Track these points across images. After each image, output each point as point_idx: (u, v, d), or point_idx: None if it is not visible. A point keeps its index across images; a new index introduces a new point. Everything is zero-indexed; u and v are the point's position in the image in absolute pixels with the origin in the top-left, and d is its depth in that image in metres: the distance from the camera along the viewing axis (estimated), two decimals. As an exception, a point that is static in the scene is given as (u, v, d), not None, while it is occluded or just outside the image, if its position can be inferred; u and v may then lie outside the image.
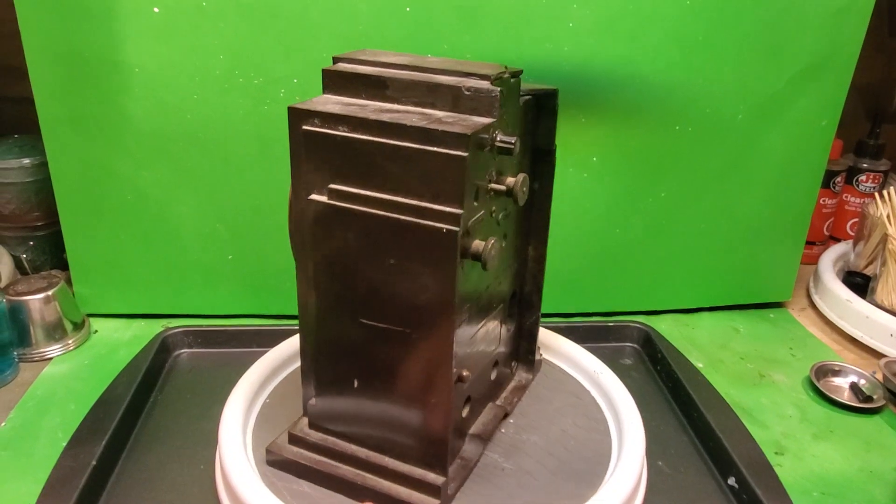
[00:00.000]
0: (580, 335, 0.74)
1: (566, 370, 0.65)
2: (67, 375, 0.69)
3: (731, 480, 0.57)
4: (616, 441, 0.56)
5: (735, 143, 0.76)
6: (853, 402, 0.68)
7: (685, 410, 0.65)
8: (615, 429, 0.58)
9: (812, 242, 0.96)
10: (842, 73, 0.75)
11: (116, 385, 0.64)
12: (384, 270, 0.45)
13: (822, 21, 0.72)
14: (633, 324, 0.78)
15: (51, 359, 0.71)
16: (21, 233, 0.83)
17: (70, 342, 0.72)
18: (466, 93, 0.43)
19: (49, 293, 0.70)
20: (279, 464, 0.53)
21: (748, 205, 0.80)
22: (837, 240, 0.98)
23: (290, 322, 0.76)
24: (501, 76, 0.44)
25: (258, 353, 0.63)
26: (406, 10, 0.66)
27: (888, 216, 0.81)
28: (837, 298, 0.82)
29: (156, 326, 0.75)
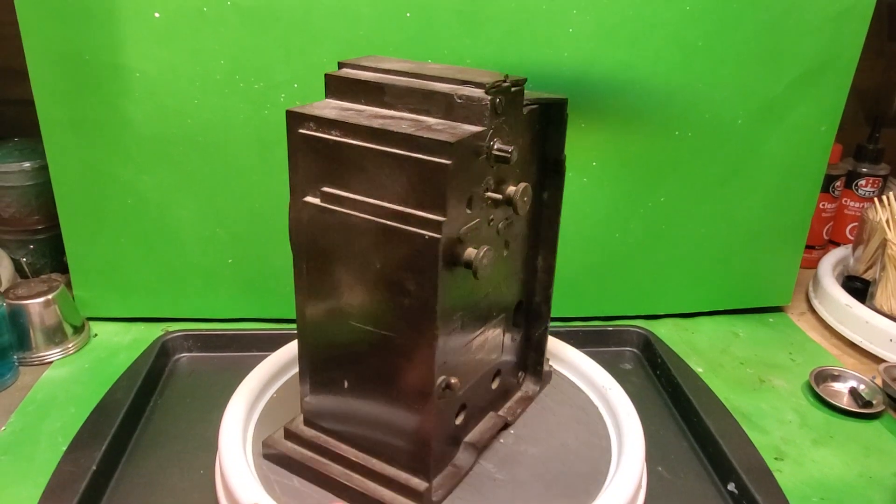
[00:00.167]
0: (580, 339, 0.74)
1: (576, 383, 0.64)
2: (67, 379, 0.69)
3: (731, 486, 0.57)
4: (615, 457, 0.55)
5: (735, 148, 0.76)
6: (853, 408, 0.68)
7: (685, 415, 0.65)
8: (616, 446, 0.56)
9: (811, 247, 0.96)
10: (841, 78, 0.75)
11: (116, 389, 0.64)
12: (371, 274, 0.45)
13: (822, 25, 0.72)
14: (633, 328, 0.78)
15: (51, 363, 0.71)
16: (21, 236, 0.83)
17: (70, 346, 0.72)
18: (458, 101, 0.43)
19: (49, 297, 0.70)
20: (274, 458, 0.54)
21: (748, 209, 0.80)
22: (837, 244, 0.98)
23: (290, 326, 0.76)
24: (499, 85, 0.44)
25: (258, 357, 0.63)
26: (406, 15, 0.66)
27: (887, 221, 0.81)
28: (837, 303, 0.82)
29: (156, 330, 0.75)
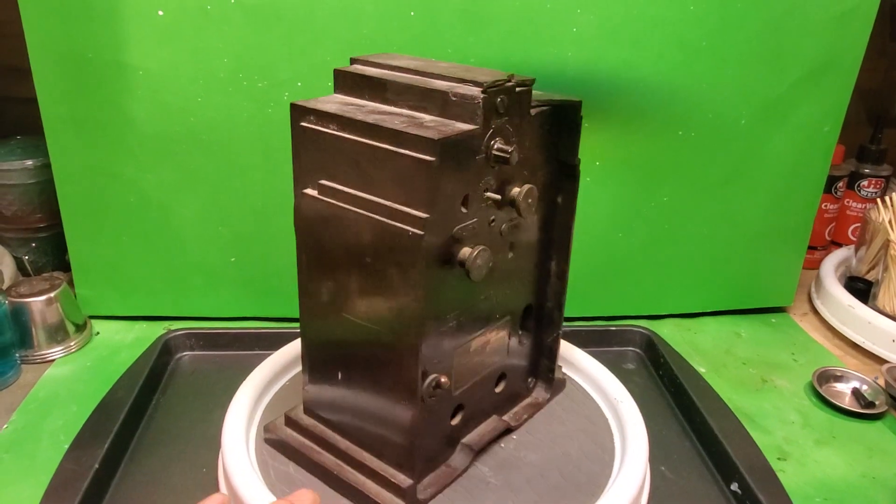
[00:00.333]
0: (582, 339, 0.74)
1: (590, 394, 0.63)
2: (69, 377, 0.69)
3: (734, 486, 0.57)
4: (616, 471, 0.53)
5: (738, 148, 0.76)
6: (855, 408, 0.68)
7: (688, 415, 0.65)
8: (619, 461, 0.55)
9: (814, 247, 0.96)
10: (845, 78, 0.75)
11: (118, 388, 0.64)
12: (362, 268, 0.46)
13: (825, 26, 0.72)
14: (636, 328, 0.78)
15: (53, 361, 0.71)
16: (23, 234, 0.83)
17: (72, 344, 0.72)
18: (453, 98, 0.43)
19: (51, 295, 0.70)
20: (274, 443, 0.55)
21: (750, 209, 0.80)
22: (839, 245, 0.98)
23: (292, 325, 0.76)
24: (500, 84, 0.44)
25: (260, 356, 0.63)
26: (411, 14, 0.66)
27: (890, 221, 0.81)
28: (839, 304, 0.82)
29: (158, 329, 0.75)
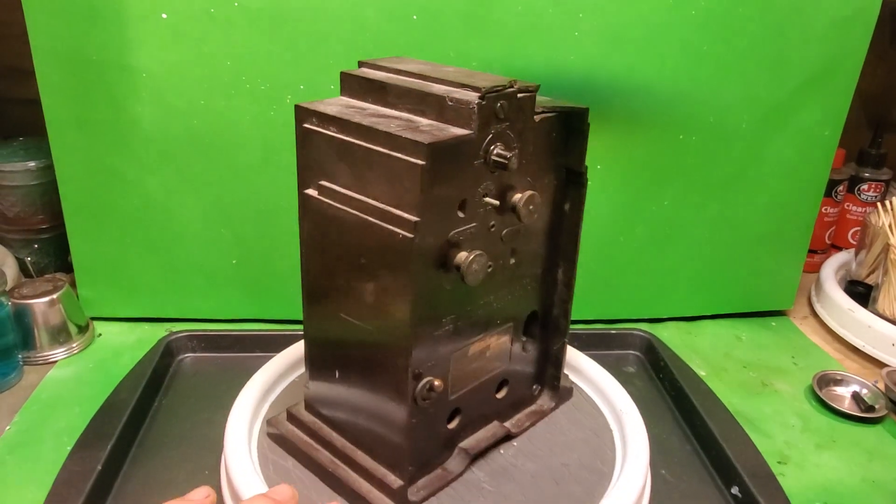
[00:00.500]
0: (583, 342, 0.74)
1: (597, 404, 0.62)
2: (72, 379, 0.69)
3: (735, 490, 0.57)
4: (613, 484, 0.53)
5: (739, 152, 0.76)
6: (855, 412, 0.69)
7: (688, 419, 0.66)
8: (618, 472, 0.54)
9: (814, 251, 0.96)
10: (845, 83, 0.75)
11: (121, 389, 0.64)
12: (356, 269, 0.46)
13: (827, 31, 0.72)
14: (636, 331, 0.78)
15: (55, 362, 0.71)
16: (25, 235, 0.83)
17: (74, 346, 0.72)
18: (450, 103, 0.43)
19: (54, 296, 0.70)
20: (275, 437, 0.55)
21: (751, 213, 0.80)
22: (839, 248, 0.99)
23: (294, 327, 0.76)
24: (500, 90, 0.43)
25: (262, 358, 0.63)
26: (413, 18, 0.66)
27: (890, 225, 0.81)
28: (839, 307, 0.82)
29: (160, 330, 0.75)
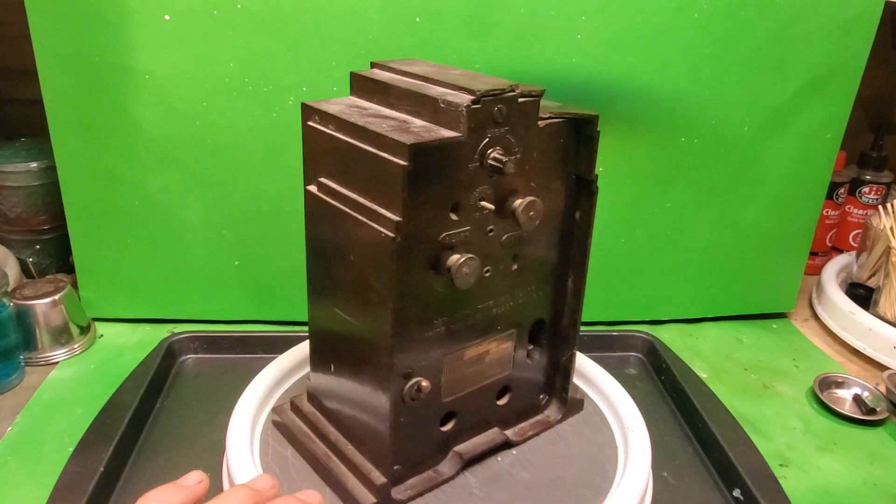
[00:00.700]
0: (585, 345, 0.74)
1: (608, 419, 0.60)
2: (73, 380, 0.69)
3: (737, 492, 0.57)
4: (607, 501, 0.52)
5: (740, 155, 0.76)
6: (856, 415, 0.69)
7: (690, 421, 0.66)
8: (614, 489, 0.52)
9: (815, 253, 0.96)
10: (847, 86, 0.75)
11: (123, 390, 0.64)
12: (347, 265, 0.47)
13: (828, 34, 0.72)
14: (638, 333, 0.78)
15: (56, 363, 0.71)
16: (27, 236, 0.83)
17: (76, 346, 0.72)
18: (442, 105, 0.43)
19: (56, 297, 0.70)
20: (278, 425, 0.56)
21: (752, 215, 0.80)
22: (840, 251, 0.99)
23: (296, 328, 0.77)
24: (497, 94, 0.43)
25: (264, 360, 0.63)
26: (416, 20, 0.66)
27: (891, 228, 0.81)
28: (840, 310, 0.82)
29: (161, 331, 0.75)
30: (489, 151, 0.44)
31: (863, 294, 0.85)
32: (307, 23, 0.66)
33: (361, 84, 0.50)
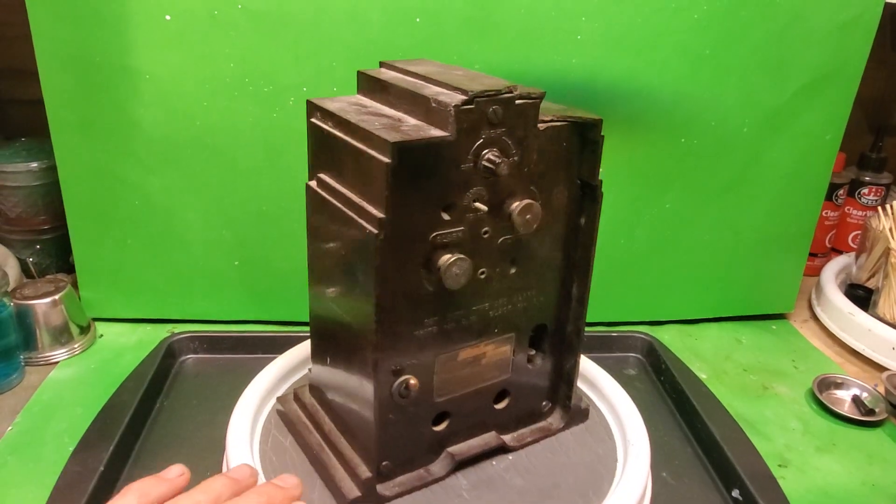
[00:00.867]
0: (583, 345, 0.74)
1: (613, 431, 0.58)
2: (73, 380, 0.69)
3: (736, 492, 0.57)
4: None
5: (740, 156, 0.76)
6: (855, 416, 0.69)
7: (689, 421, 0.66)
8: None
9: (814, 254, 0.96)
10: (846, 87, 0.75)
11: (123, 390, 0.64)
12: (338, 259, 0.47)
13: (828, 35, 0.72)
14: (637, 334, 0.78)
15: (57, 363, 0.71)
16: (27, 236, 0.83)
17: (76, 346, 0.73)
18: (433, 105, 0.44)
19: (56, 297, 0.71)
20: (281, 414, 0.57)
21: (752, 217, 0.80)
22: (839, 252, 0.99)
23: (296, 328, 0.77)
24: (492, 94, 0.43)
25: (264, 360, 0.63)
26: (416, 21, 0.66)
27: (891, 229, 0.81)
28: (839, 311, 0.83)
29: (161, 331, 0.75)
30: (484, 152, 0.44)
31: (862, 295, 0.85)
32: (307, 23, 0.66)
33: (365, 83, 0.50)
